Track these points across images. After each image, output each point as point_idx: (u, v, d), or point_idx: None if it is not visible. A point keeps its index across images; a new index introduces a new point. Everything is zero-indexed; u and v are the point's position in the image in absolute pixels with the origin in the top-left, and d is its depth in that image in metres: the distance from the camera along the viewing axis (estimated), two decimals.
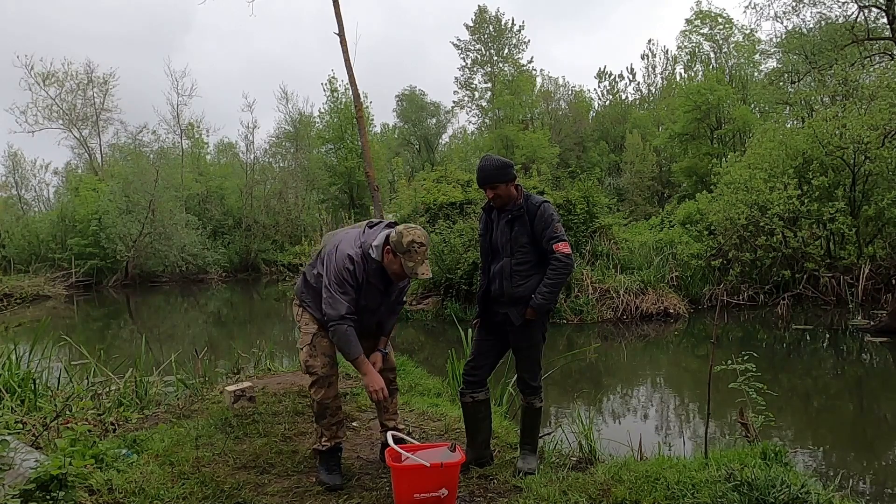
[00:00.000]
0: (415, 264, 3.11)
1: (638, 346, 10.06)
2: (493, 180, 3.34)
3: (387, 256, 3.20)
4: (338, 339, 3.15)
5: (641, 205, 27.35)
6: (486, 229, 3.53)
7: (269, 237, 28.18)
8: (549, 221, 3.31)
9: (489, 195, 3.41)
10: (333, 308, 3.12)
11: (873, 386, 7.48)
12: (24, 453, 3.14)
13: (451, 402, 5.03)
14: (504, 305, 3.39)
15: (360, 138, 16.85)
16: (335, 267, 3.15)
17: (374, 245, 3.22)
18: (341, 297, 3.13)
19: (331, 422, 3.32)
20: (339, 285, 3.14)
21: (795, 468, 3.38)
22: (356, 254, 3.19)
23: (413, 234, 3.12)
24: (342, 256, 3.16)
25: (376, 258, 3.22)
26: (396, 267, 3.17)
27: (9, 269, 24.69)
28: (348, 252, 3.18)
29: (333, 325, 3.13)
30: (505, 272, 3.36)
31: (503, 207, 3.42)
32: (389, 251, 3.17)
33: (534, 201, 3.38)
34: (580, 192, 12.84)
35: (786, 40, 22.68)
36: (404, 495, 2.91)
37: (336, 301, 3.13)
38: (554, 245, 3.29)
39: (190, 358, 6.64)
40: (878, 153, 11.36)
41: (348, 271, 3.15)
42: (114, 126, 31.47)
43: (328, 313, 3.14)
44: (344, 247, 3.21)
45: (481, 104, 37.92)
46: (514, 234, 3.36)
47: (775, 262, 12.00)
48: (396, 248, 3.12)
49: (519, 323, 3.33)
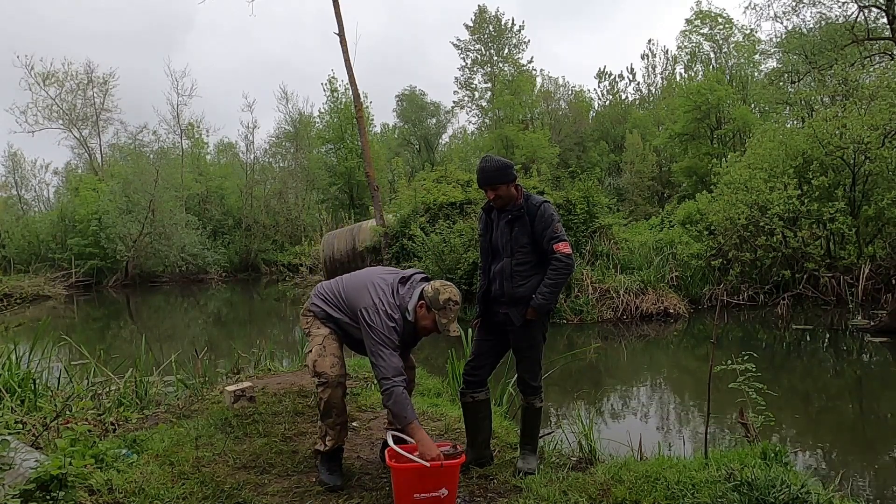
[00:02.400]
0: (448, 321, 3.22)
1: (638, 346, 10.06)
2: (493, 181, 3.34)
3: (419, 311, 3.26)
4: (394, 402, 3.09)
5: (641, 205, 27.33)
6: (486, 229, 3.53)
7: (269, 237, 28.18)
8: (549, 221, 3.31)
9: (490, 196, 3.41)
10: (389, 366, 3.11)
11: (873, 386, 7.48)
12: (24, 453, 3.13)
13: (451, 402, 5.03)
14: (504, 305, 3.39)
15: (360, 138, 16.86)
16: (380, 328, 3.16)
17: (409, 308, 3.27)
18: (392, 353, 3.15)
19: (336, 421, 3.32)
20: (388, 344, 3.16)
21: (795, 468, 3.38)
22: (399, 317, 3.24)
23: (449, 293, 3.23)
24: (385, 318, 3.19)
25: (412, 320, 3.28)
26: (429, 322, 3.25)
27: (9, 269, 24.71)
28: (390, 312, 3.21)
29: (390, 387, 3.09)
30: (505, 272, 3.36)
31: (503, 208, 3.42)
32: (424, 306, 3.25)
33: (534, 201, 3.38)
34: (580, 192, 12.84)
35: (786, 40, 22.69)
36: (404, 495, 2.91)
37: (389, 358, 3.13)
38: (554, 245, 3.29)
39: (190, 358, 6.64)
40: (878, 153, 11.36)
41: (394, 331, 3.20)
42: (114, 126, 31.55)
43: (384, 374, 3.11)
44: (384, 307, 3.22)
45: (481, 104, 37.90)
46: (514, 234, 3.36)
47: (775, 262, 12.00)
48: (433, 304, 3.22)
49: (520, 323, 3.34)
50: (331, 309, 3.40)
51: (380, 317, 3.18)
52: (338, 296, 3.40)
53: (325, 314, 3.41)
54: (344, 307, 3.36)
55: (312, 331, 3.40)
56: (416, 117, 41.21)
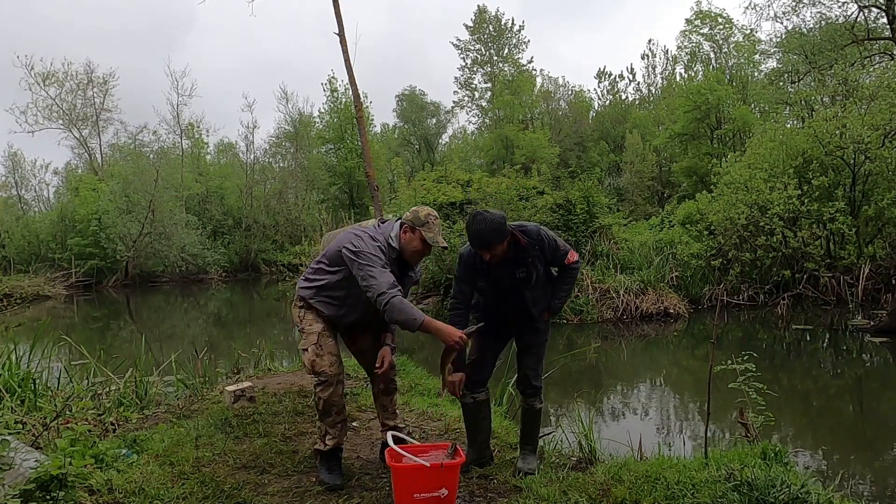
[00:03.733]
0: (434, 234, 3.26)
1: (638, 346, 10.06)
2: (491, 244, 3.08)
3: (405, 236, 3.30)
4: (396, 312, 3.01)
5: (641, 205, 27.31)
6: (486, 275, 3.28)
7: (269, 237, 28.20)
8: (554, 243, 3.32)
9: (486, 256, 3.16)
10: (381, 281, 3.06)
11: (873, 386, 7.48)
12: (24, 453, 3.13)
13: (451, 402, 5.02)
14: (520, 322, 3.44)
15: (360, 138, 16.83)
16: (366, 250, 3.15)
17: (393, 236, 3.31)
18: (383, 271, 3.12)
19: (335, 420, 3.31)
20: (377, 262, 3.13)
21: (795, 468, 3.37)
22: (383, 241, 3.27)
23: (427, 209, 3.33)
24: (369, 240, 3.21)
25: (396, 247, 3.31)
26: (416, 243, 3.28)
27: (9, 269, 24.73)
28: (373, 235, 3.27)
29: (386, 299, 3.02)
30: (529, 302, 3.33)
31: (501, 259, 3.22)
32: (407, 229, 3.30)
33: (532, 234, 3.25)
34: (580, 192, 12.84)
35: (786, 40, 22.69)
36: (404, 495, 2.91)
37: (381, 275, 3.09)
38: (566, 260, 3.37)
39: (190, 358, 6.64)
40: (878, 153, 11.37)
41: (380, 250, 3.20)
42: (114, 126, 31.57)
43: (376, 290, 3.05)
44: (366, 234, 3.26)
45: (481, 104, 37.91)
46: (537, 272, 3.29)
47: (775, 262, 12.00)
48: (414, 222, 3.27)
49: (542, 327, 3.45)
50: (317, 279, 3.36)
51: (363, 241, 3.18)
52: (320, 263, 3.38)
53: (312, 291, 3.36)
54: (327, 267, 3.32)
55: (306, 328, 3.36)
56: (416, 117, 41.19)
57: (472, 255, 3.24)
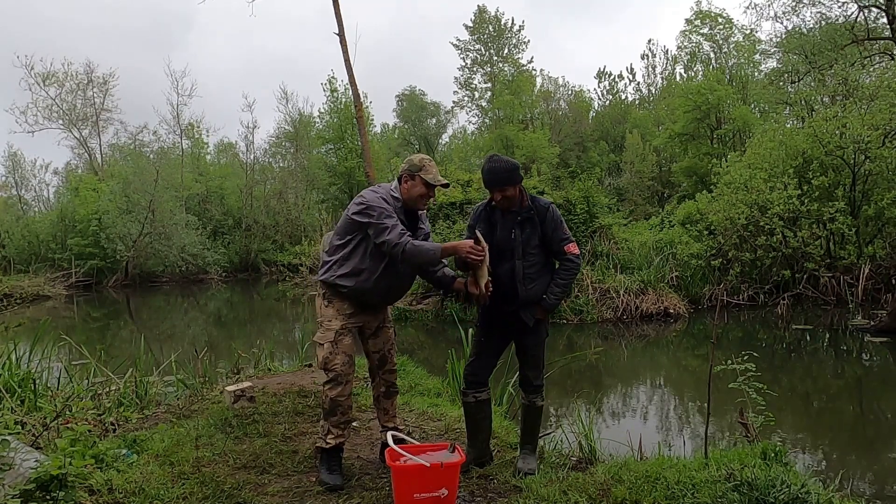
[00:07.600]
0: (433, 175, 3.35)
1: (638, 346, 10.06)
2: (504, 182, 3.27)
3: (405, 185, 3.38)
4: (415, 255, 3.15)
5: (641, 205, 27.30)
6: (490, 228, 3.39)
7: (269, 237, 28.17)
8: (558, 223, 3.34)
9: (496, 197, 3.32)
10: (391, 232, 3.15)
11: (873, 386, 7.48)
12: (24, 453, 3.13)
13: (451, 402, 5.04)
14: (511, 306, 3.36)
15: (360, 138, 16.87)
16: (372, 202, 3.24)
17: (393, 188, 3.40)
18: (395, 223, 3.20)
19: (340, 420, 3.31)
20: (386, 212, 3.21)
21: (795, 468, 3.38)
22: (385, 192, 3.34)
23: (420, 155, 3.42)
24: (373, 193, 3.31)
25: (399, 197, 3.37)
26: (418, 188, 3.35)
27: (9, 269, 24.73)
28: (375, 188, 3.38)
29: (402, 247, 3.13)
30: (518, 275, 3.31)
31: (508, 209, 3.37)
32: (406, 178, 3.37)
33: (541, 203, 3.37)
34: (580, 192, 12.84)
35: (786, 40, 22.66)
36: (404, 495, 2.91)
37: (394, 227, 3.17)
38: (565, 247, 3.34)
39: (190, 358, 6.64)
40: (878, 153, 11.37)
41: (384, 201, 3.27)
42: (114, 126, 31.57)
43: (388, 240, 3.15)
44: (368, 191, 3.37)
45: (481, 104, 37.89)
46: (525, 236, 3.32)
47: (775, 262, 12.00)
48: (412, 169, 3.35)
49: (532, 323, 3.36)
50: (332, 258, 3.38)
51: (364, 197, 3.29)
52: (332, 244, 3.42)
53: (331, 270, 3.35)
54: (339, 240, 3.37)
55: (324, 322, 3.35)
56: (416, 117, 41.18)
57: (483, 206, 3.47)
